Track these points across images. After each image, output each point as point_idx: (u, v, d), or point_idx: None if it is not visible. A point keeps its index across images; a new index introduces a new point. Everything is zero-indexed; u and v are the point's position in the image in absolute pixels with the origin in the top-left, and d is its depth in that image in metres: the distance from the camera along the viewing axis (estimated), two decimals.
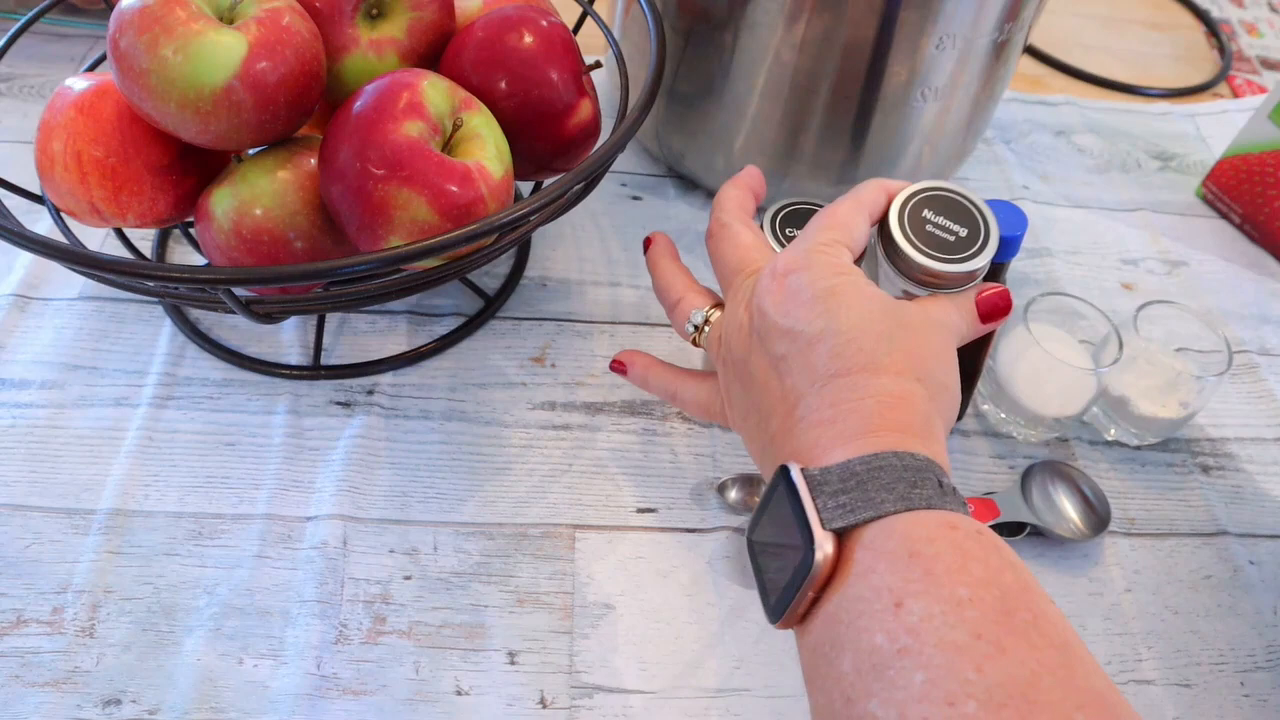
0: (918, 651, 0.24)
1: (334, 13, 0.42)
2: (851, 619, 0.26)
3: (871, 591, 0.26)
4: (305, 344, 0.51)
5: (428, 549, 0.44)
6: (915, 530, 0.27)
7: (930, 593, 0.25)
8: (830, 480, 0.28)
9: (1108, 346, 0.49)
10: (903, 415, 0.30)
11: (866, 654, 0.25)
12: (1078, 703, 0.23)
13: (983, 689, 0.23)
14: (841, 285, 0.33)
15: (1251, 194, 0.66)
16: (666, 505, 0.47)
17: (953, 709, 0.23)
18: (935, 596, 0.25)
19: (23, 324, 0.51)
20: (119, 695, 0.38)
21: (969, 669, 0.24)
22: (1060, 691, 0.23)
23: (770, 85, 0.54)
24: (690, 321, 0.38)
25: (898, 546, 0.27)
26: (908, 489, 0.28)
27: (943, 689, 0.23)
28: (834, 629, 0.27)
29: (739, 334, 0.35)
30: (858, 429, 0.30)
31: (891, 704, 0.24)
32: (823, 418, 0.31)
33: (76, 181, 0.41)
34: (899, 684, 0.24)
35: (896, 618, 0.25)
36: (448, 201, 0.38)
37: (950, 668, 0.24)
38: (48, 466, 0.45)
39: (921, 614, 0.25)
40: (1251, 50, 0.87)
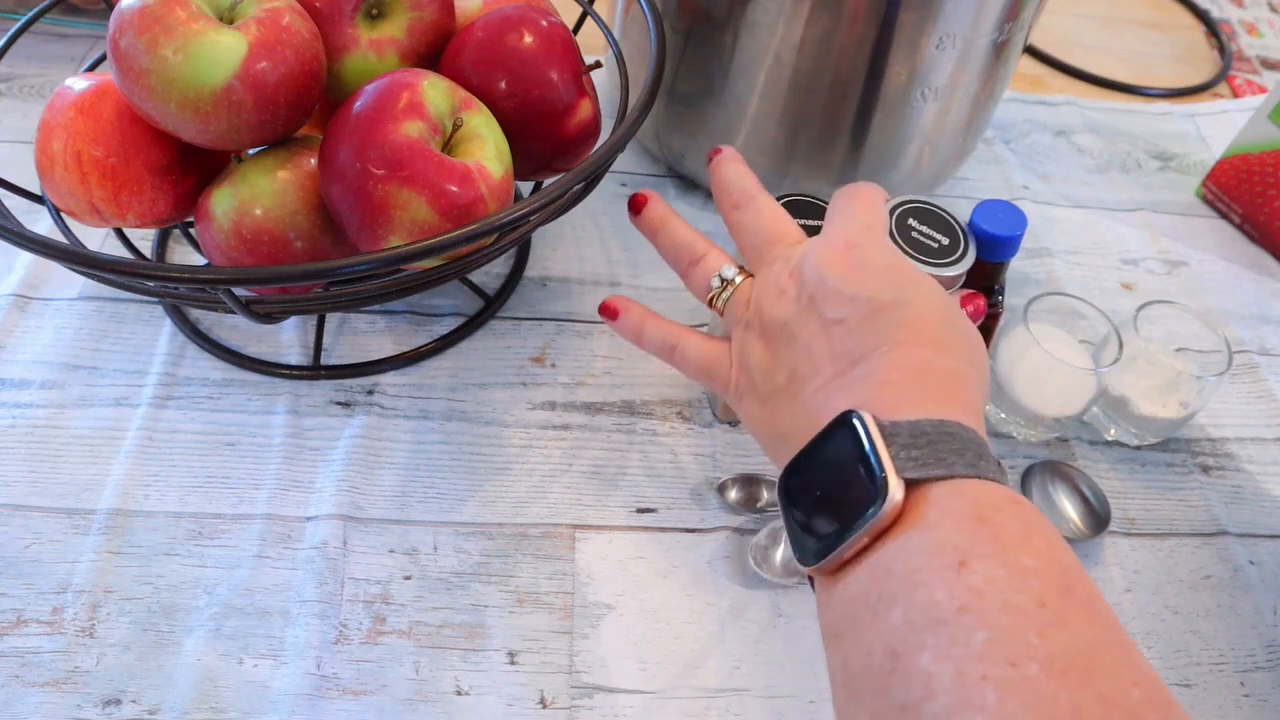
0: (980, 611, 0.24)
1: (334, 13, 0.42)
2: (908, 572, 0.26)
3: (935, 547, 0.26)
4: (305, 344, 0.51)
5: (428, 549, 0.44)
6: (984, 496, 0.27)
7: (996, 557, 0.25)
8: (901, 434, 0.28)
9: (1108, 346, 0.49)
10: (963, 394, 0.31)
11: (922, 608, 0.25)
12: (1135, 679, 0.23)
13: (1045, 654, 0.23)
14: (904, 264, 0.34)
15: (1251, 194, 0.66)
16: (666, 505, 0.47)
17: (1014, 669, 0.23)
18: (1001, 561, 0.25)
19: (23, 324, 0.51)
20: (119, 695, 0.38)
21: (1032, 633, 0.24)
22: (1118, 667, 0.24)
23: (770, 85, 0.54)
24: (720, 275, 0.38)
25: (966, 508, 0.27)
26: (975, 458, 0.28)
27: (1005, 649, 0.23)
28: (884, 580, 0.26)
29: (779, 298, 0.35)
30: (925, 395, 0.30)
31: (947, 659, 0.24)
32: (888, 378, 0.31)
33: (76, 181, 0.41)
34: (958, 640, 0.24)
35: (960, 576, 0.25)
36: (448, 201, 0.38)
37: (1013, 630, 0.24)
38: (48, 466, 0.45)
39: (986, 576, 0.25)
40: (1251, 50, 0.87)
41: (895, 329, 0.32)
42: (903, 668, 0.24)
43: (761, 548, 0.44)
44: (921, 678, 0.24)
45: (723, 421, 0.51)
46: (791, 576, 0.44)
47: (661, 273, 0.58)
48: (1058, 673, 0.23)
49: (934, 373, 0.31)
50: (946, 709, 0.23)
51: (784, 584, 0.44)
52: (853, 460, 0.28)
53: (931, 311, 0.32)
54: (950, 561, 0.25)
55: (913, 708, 0.24)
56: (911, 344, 0.31)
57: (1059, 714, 0.22)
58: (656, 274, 0.58)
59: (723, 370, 0.38)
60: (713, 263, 0.39)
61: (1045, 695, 0.23)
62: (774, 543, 0.45)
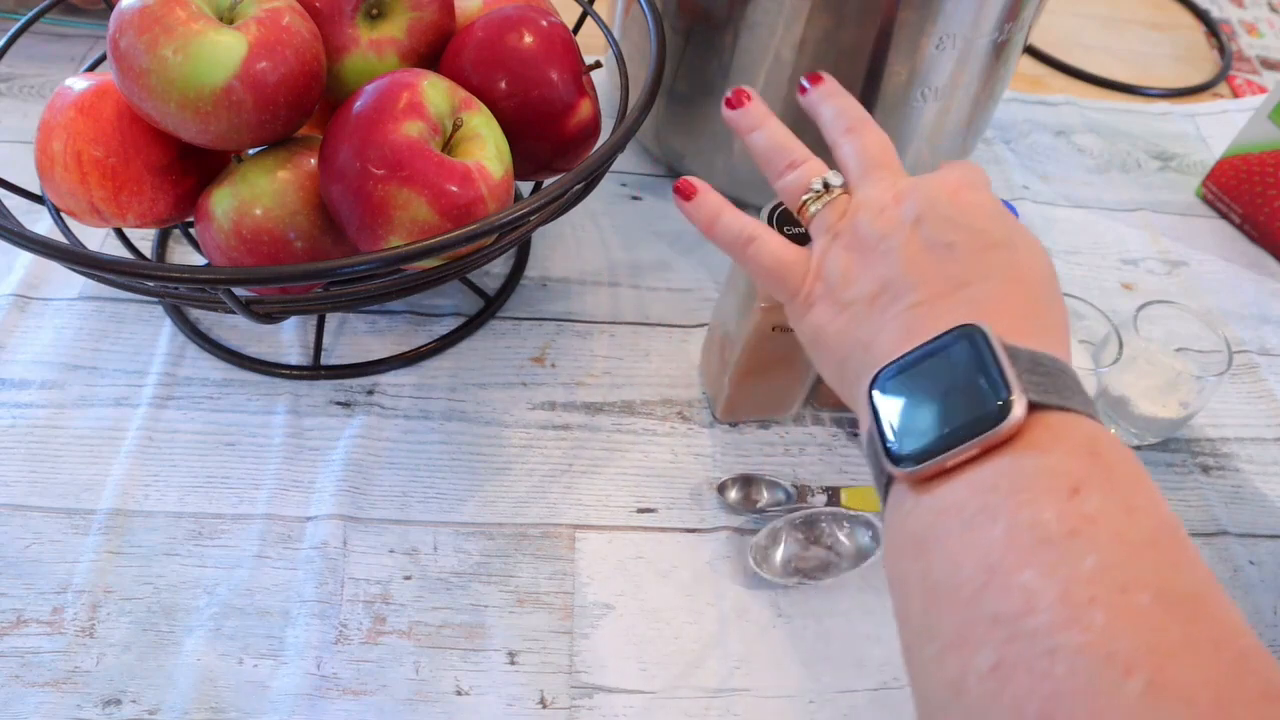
0: (1091, 537, 0.24)
1: (334, 13, 0.42)
2: (1015, 490, 0.25)
3: (1047, 470, 0.25)
4: (305, 344, 0.51)
5: (428, 549, 0.44)
6: (1099, 434, 0.27)
7: (1109, 490, 0.25)
8: (1021, 358, 0.28)
9: (1108, 346, 0.48)
10: (1068, 343, 0.31)
11: (1028, 527, 0.24)
12: (1240, 628, 0.23)
13: (1159, 585, 0.23)
14: (1012, 218, 0.34)
15: (1251, 194, 0.66)
16: (666, 505, 0.47)
17: (1124, 596, 0.23)
18: (1113, 495, 0.25)
19: (23, 324, 0.51)
20: (119, 695, 0.38)
21: (1146, 566, 0.23)
22: (1226, 613, 0.23)
23: (770, 85, 0.54)
24: (824, 180, 0.36)
25: (1081, 440, 0.26)
26: (1087, 400, 0.28)
27: (1115, 575, 0.23)
28: (986, 496, 0.26)
29: (879, 214, 0.34)
30: (1037, 331, 0.29)
31: (1054, 578, 0.23)
32: (999, 308, 0.30)
33: (76, 181, 0.41)
34: (1066, 560, 0.23)
35: (1071, 502, 0.24)
36: (448, 201, 0.38)
37: (1125, 559, 0.23)
38: (48, 466, 0.45)
39: (1098, 506, 0.24)
40: (1251, 50, 0.87)
41: (1006, 267, 0.31)
42: (999, 582, 0.24)
43: (761, 548, 0.44)
44: (1021, 593, 0.23)
45: (723, 421, 0.51)
46: (791, 576, 0.44)
47: (661, 273, 0.58)
48: (1169, 605, 0.22)
49: (1046, 315, 0.31)
50: (1048, 625, 0.23)
51: (784, 584, 0.44)
52: (974, 371, 0.27)
53: (1039, 265, 0.32)
54: (1062, 485, 0.25)
55: (1007, 620, 0.23)
56: (1021, 281, 0.31)
57: (1169, 644, 0.22)
58: (657, 274, 0.58)
59: (797, 275, 0.36)
60: (815, 168, 0.37)
61: (1156, 625, 0.22)
62: (774, 543, 0.45)
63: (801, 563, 0.45)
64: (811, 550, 0.45)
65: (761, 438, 0.50)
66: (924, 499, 0.27)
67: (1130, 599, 0.22)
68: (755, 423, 0.51)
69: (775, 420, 0.51)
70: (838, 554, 0.45)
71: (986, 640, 0.23)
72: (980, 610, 0.24)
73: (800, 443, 0.50)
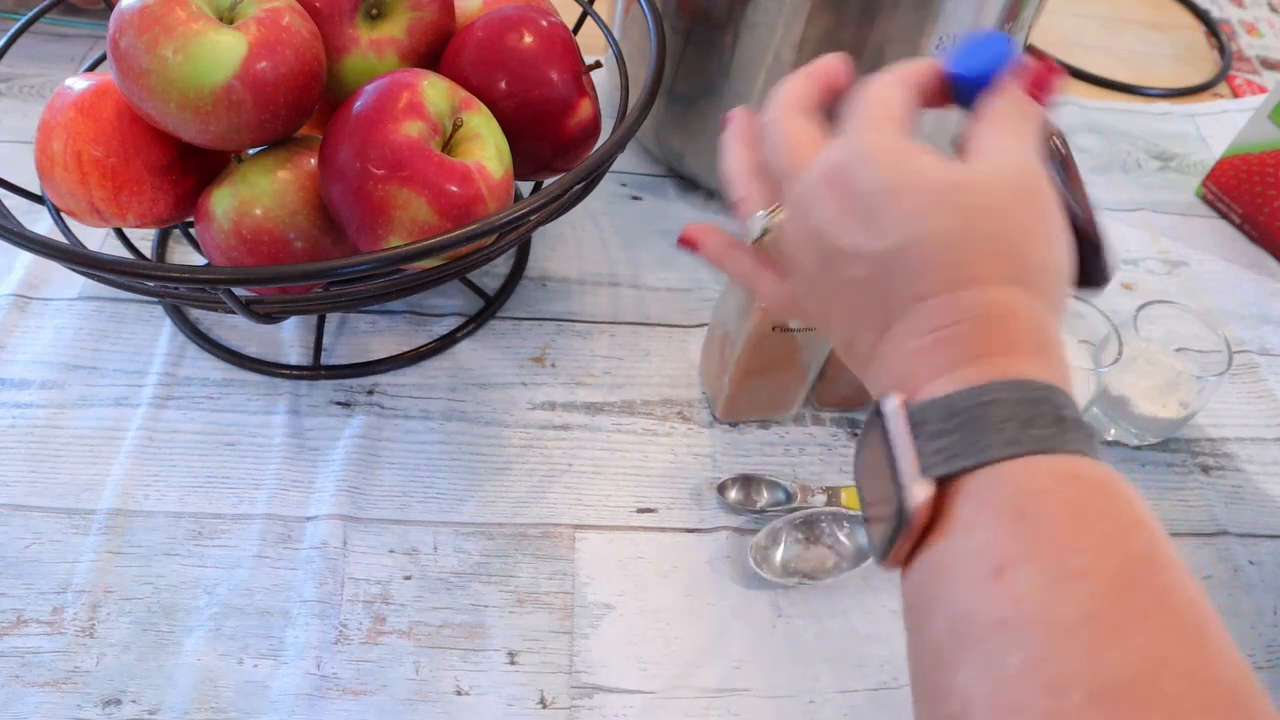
0: (1018, 627, 0.21)
1: (334, 13, 0.42)
2: (949, 577, 0.23)
3: (972, 551, 0.23)
4: (305, 344, 0.51)
5: (428, 549, 0.44)
6: (1026, 482, 0.23)
7: (1039, 560, 0.22)
8: (931, 418, 0.25)
9: (1108, 346, 0.48)
10: (1008, 333, 0.26)
11: (960, 620, 0.22)
12: (1203, 702, 0.20)
13: (1092, 678, 0.20)
14: (898, 183, 0.27)
15: (1251, 194, 0.66)
16: (666, 505, 0.47)
17: (1053, 699, 0.20)
18: (1044, 565, 0.22)
19: (23, 324, 0.51)
20: (119, 695, 0.38)
21: (1077, 654, 0.21)
22: (1184, 685, 0.20)
23: (770, 85, 0.54)
24: (749, 233, 0.32)
25: (1005, 501, 0.23)
26: (1019, 428, 0.24)
27: (1044, 673, 0.21)
28: (930, 584, 0.24)
29: (802, 251, 0.30)
30: (959, 356, 0.26)
31: (984, 679, 0.21)
32: (918, 347, 0.26)
33: (76, 181, 0.41)
34: (994, 660, 0.21)
35: (997, 585, 0.22)
36: (448, 201, 0.38)
37: (1055, 650, 0.21)
38: (48, 466, 0.45)
39: (1026, 585, 0.22)
40: (1251, 50, 0.87)
41: (910, 281, 0.26)
42: (944, 682, 0.23)
43: (761, 548, 0.44)
44: (959, 697, 0.22)
45: (723, 421, 0.51)
46: (791, 576, 0.44)
47: (661, 272, 0.58)
48: (1105, 701, 0.20)
49: (964, 323, 0.26)
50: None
51: (784, 584, 0.44)
52: (882, 457, 0.25)
53: (941, 240, 0.26)
54: (986, 568, 0.22)
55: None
56: (931, 295, 0.26)
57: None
58: (657, 274, 0.58)
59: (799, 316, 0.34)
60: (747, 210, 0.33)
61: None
62: (774, 543, 0.45)
63: (801, 563, 0.45)
64: (811, 550, 0.45)
65: (761, 438, 0.50)
66: (904, 585, 0.26)
67: (1059, 703, 0.20)
68: (755, 423, 0.51)
69: (775, 420, 0.51)
70: (838, 554, 0.45)
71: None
72: (935, 709, 0.23)
73: (800, 443, 0.50)
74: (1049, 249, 0.27)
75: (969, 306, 0.26)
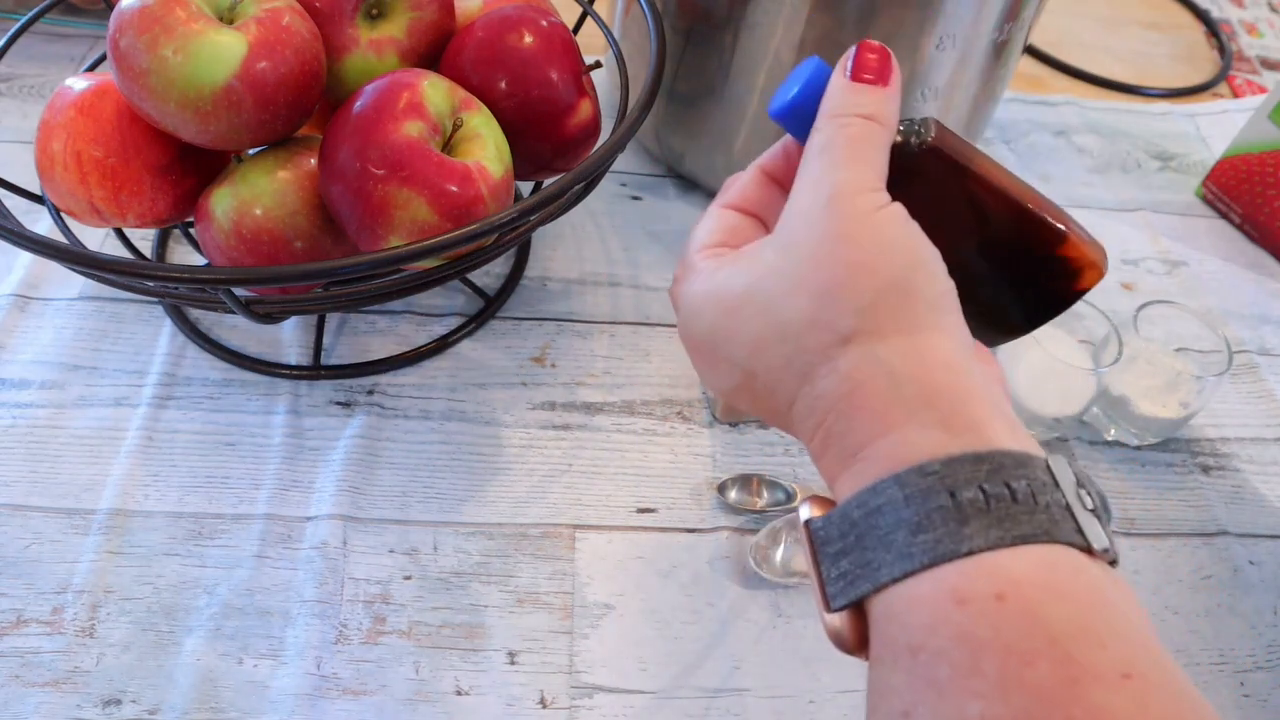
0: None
1: (334, 13, 0.42)
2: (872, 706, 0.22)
3: (882, 689, 0.22)
4: (305, 344, 0.51)
5: (428, 549, 0.44)
6: (914, 615, 0.21)
7: (936, 708, 0.20)
8: (832, 538, 0.23)
9: (1108, 346, 0.49)
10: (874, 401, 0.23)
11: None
12: None
13: None
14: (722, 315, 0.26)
15: (1251, 194, 0.66)
16: (666, 505, 0.47)
17: None
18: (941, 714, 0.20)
19: (23, 324, 0.51)
20: (119, 695, 0.38)
21: None
22: None
23: (770, 85, 0.54)
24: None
25: (898, 636, 0.21)
26: (909, 537, 0.21)
27: None
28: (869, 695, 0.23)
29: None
30: (843, 454, 0.24)
31: None
32: (815, 451, 0.25)
33: (76, 181, 0.41)
34: None
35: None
36: (448, 201, 0.38)
37: None
38: (48, 466, 0.45)
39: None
40: (1251, 50, 0.87)
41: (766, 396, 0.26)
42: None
43: (761, 548, 0.44)
44: None
45: (722, 422, 0.51)
46: (791, 576, 0.44)
47: (661, 272, 0.58)
48: None
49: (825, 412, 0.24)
50: None
51: (784, 584, 0.44)
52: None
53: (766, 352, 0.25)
54: (895, 711, 0.21)
55: None
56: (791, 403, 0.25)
57: None
58: (657, 274, 0.58)
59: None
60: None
61: None
62: (774, 543, 0.45)
63: (801, 563, 0.45)
64: None
65: (761, 438, 0.50)
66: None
67: None
68: (755, 423, 0.51)
69: None
70: None
71: None
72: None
73: (800, 443, 0.50)
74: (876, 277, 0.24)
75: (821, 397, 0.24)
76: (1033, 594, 0.20)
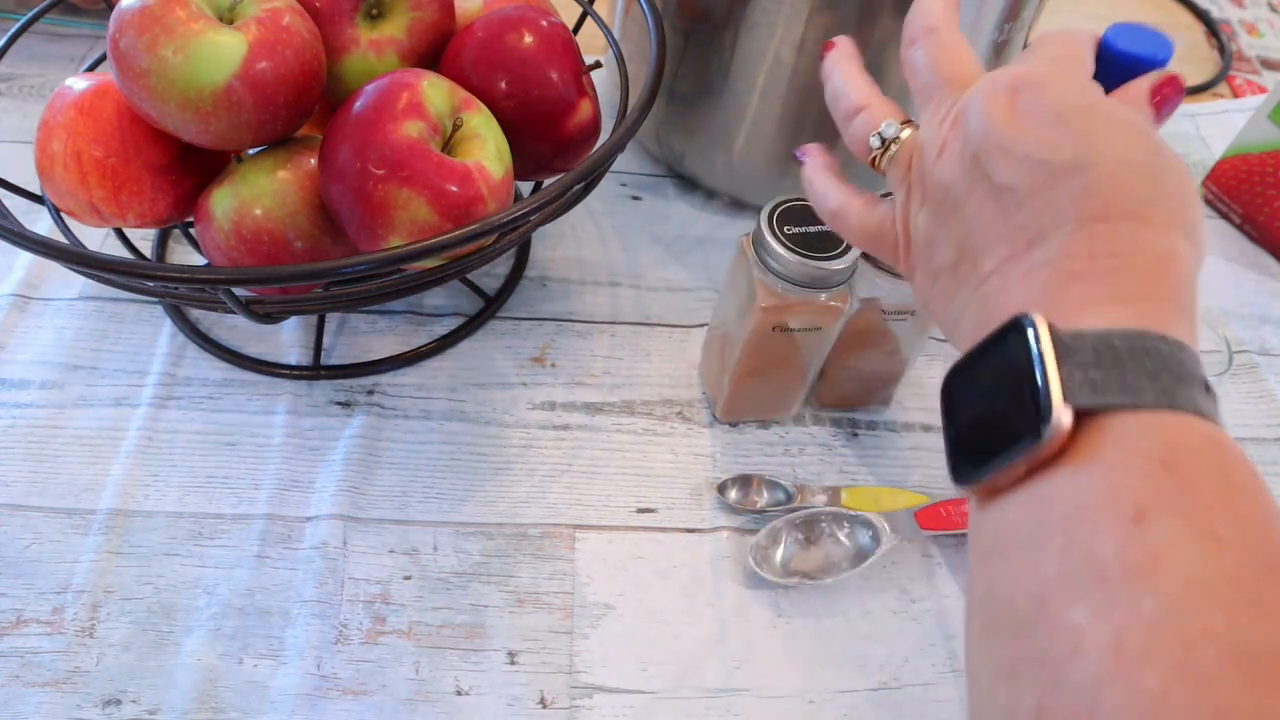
0: (1154, 575, 0.20)
1: (334, 13, 0.42)
2: (1072, 512, 0.22)
3: (1107, 490, 0.22)
4: (305, 344, 0.51)
5: (428, 549, 0.44)
6: (1178, 437, 0.22)
7: (1183, 515, 0.21)
8: (1083, 348, 0.23)
9: None
10: (1172, 284, 0.25)
11: (1084, 559, 0.21)
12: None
13: (1228, 640, 0.19)
14: (1094, 106, 0.27)
15: (1251, 194, 0.66)
16: (666, 505, 0.47)
17: (1187, 650, 0.19)
18: (1188, 522, 0.21)
19: (23, 324, 0.51)
20: (119, 695, 0.38)
21: (1216, 613, 0.19)
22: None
23: (770, 85, 0.54)
24: (879, 134, 0.32)
25: (1152, 449, 0.22)
26: (1174, 383, 0.23)
27: (1177, 624, 0.19)
28: (1041, 515, 0.23)
29: (940, 155, 0.30)
30: (1120, 293, 0.24)
31: (1107, 621, 0.20)
32: (1074, 269, 0.25)
33: (76, 181, 0.41)
34: (1121, 603, 0.20)
35: (1135, 532, 0.21)
36: (448, 201, 0.38)
37: (1192, 605, 0.20)
38: (48, 466, 0.45)
39: (1167, 537, 0.20)
40: (1251, 50, 0.87)
41: (1080, 199, 0.26)
42: (1048, 618, 0.21)
43: (761, 548, 0.44)
44: (1071, 633, 0.20)
45: (723, 421, 0.51)
46: (791, 576, 0.44)
47: (661, 272, 0.58)
48: (1241, 663, 0.19)
49: (1135, 258, 0.25)
50: (1095, 678, 0.20)
51: (784, 584, 0.44)
52: (1018, 377, 0.24)
53: (1130, 168, 0.26)
54: (1124, 512, 0.21)
55: (1053, 664, 0.21)
56: (1105, 219, 0.25)
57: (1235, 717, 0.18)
58: (657, 274, 0.58)
59: (888, 242, 0.33)
60: (875, 115, 0.33)
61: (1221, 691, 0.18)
62: (774, 543, 0.45)
63: (801, 563, 0.45)
64: (811, 550, 0.45)
65: (761, 438, 0.50)
66: (990, 512, 0.25)
67: (1193, 657, 0.19)
68: (755, 423, 0.51)
69: (775, 420, 0.51)
70: (838, 554, 0.45)
71: (1032, 682, 0.21)
72: (1028, 646, 0.22)
73: (800, 443, 0.50)
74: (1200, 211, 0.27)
75: (1143, 241, 0.25)
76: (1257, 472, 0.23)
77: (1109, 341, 0.23)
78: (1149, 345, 0.23)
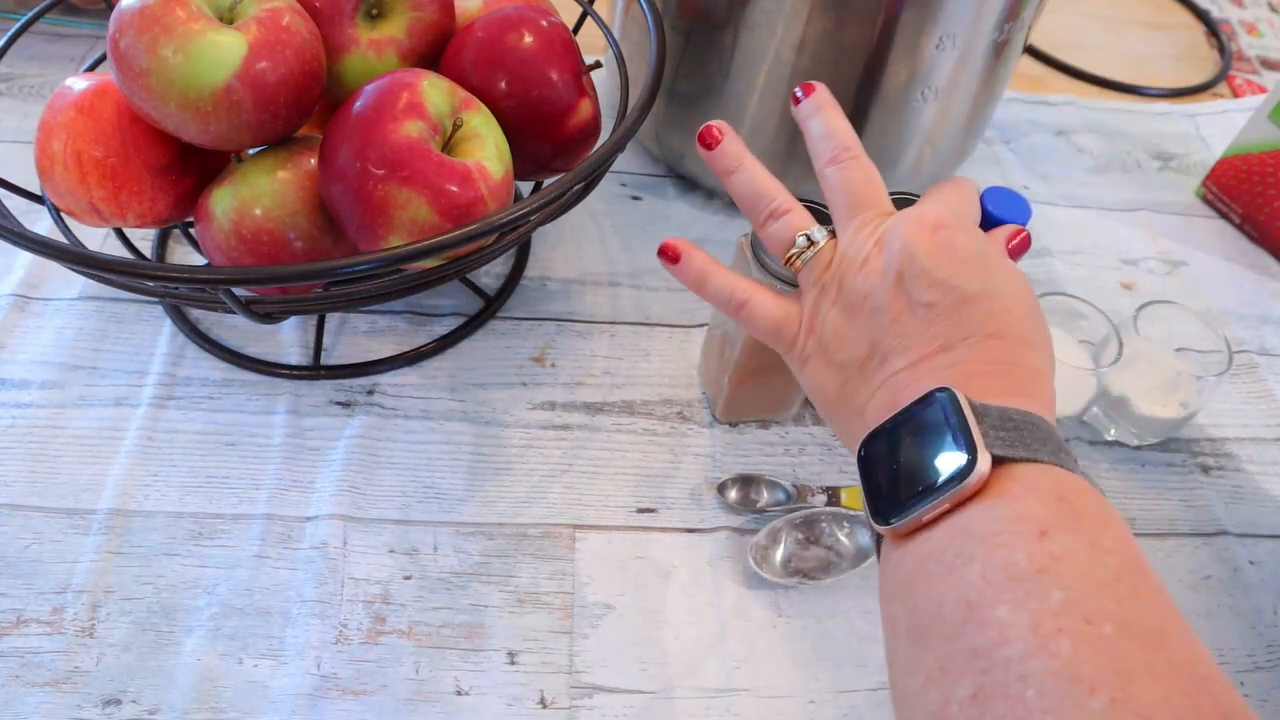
0: (1059, 574, 0.25)
1: (334, 13, 0.42)
2: (988, 535, 0.27)
3: (1017, 515, 0.27)
4: (305, 344, 0.51)
5: (428, 549, 0.44)
6: (1065, 481, 0.28)
7: (1076, 532, 0.26)
8: (990, 415, 0.29)
9: (1108, 346, 0.49)
10: (1045, 390, 0.32)
11: (1001, 567, 0.26)
12: (1202, 658, 0.24)
13: (1120, 618, 0.24)
14: (992, 254, 0.34)
15: (1251, 194, 0.66)
16: (666, 505, 0.47)
17: (1090, 626, 0.24)
18: (1081, 537, 0.26)
19: (23, 324, 0.51)
20: (119, 695, 0.38)
21: (1109, 599, 0.25)
22: (1187, 643, 0.25)
23: (770, 85, 0.54)
24: (807, 236, 0.37)
25: (1049, 488, 0.28)
26: (1056, 449, 0.29)
27: (1081, 609, 0.24)
28: (963, 540, 0.27)
29: (863, 267, 0.35)
30: (1010, 389, 0.31)
31: (1024, 611, 0.25)
32: (976, 369, 0.31)
33: (76, 181, 0.41)
34: (1035, 596, 0.25)
35: (1040, 543, 0.26)
36: (448, 201, 0.38)
37: (1091, 594, 0.25)
38: (48, 466, 0.45)
39: (1066, 546, 0.26)
40: (1251, 50, 0.87)
41: (984, 319, 0.32)
42: (977, 617, 0.25)
43: (761, 548, 0.44)
44: (996, 625, 0.25)
45: (723, 422, 0.51)
46: (791, 576, 0.44)
47: (661, 273, 0.58)
48: (1132, 635, 0.24)
49: (1019, 368, 0.32)
50: (1021, 654, 0.24)
51: (784, 584, 0.44)
52: (942, 432, 0.29)
53: (1017, 304, 0.33)
54: (1032, 530, 0.26)
55: (984, 652, 0.25)
56: (999, 336, 0.32)
57: (1131, 668, 0.23)
58: (656, 274, 0.58)
59: (790, 331, 0.37)
60: (797, 221, 0.37)
61: (1119, 651, 0.24)
62: (774, 543, 0.45)
63: (801, 563, 0.45)
64: (811, 550, 0.45)
65: (761, 438, 0.50)
66: (910, 548, 0.29)
67: (1095, 629, 0.24)
68: (755, 423, 0.51)
69: (775, 420, 0.51)
70: (838, 554, 0.45)
71: (966, 671, 0.25)
72: (960, 644, 0.26)
73: (800, 443, 0.50)
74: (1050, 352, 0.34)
75: (1027, 359, 0.32)
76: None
77: (1008, 415, 0.29)
78: (1035, 422, 0.30)
